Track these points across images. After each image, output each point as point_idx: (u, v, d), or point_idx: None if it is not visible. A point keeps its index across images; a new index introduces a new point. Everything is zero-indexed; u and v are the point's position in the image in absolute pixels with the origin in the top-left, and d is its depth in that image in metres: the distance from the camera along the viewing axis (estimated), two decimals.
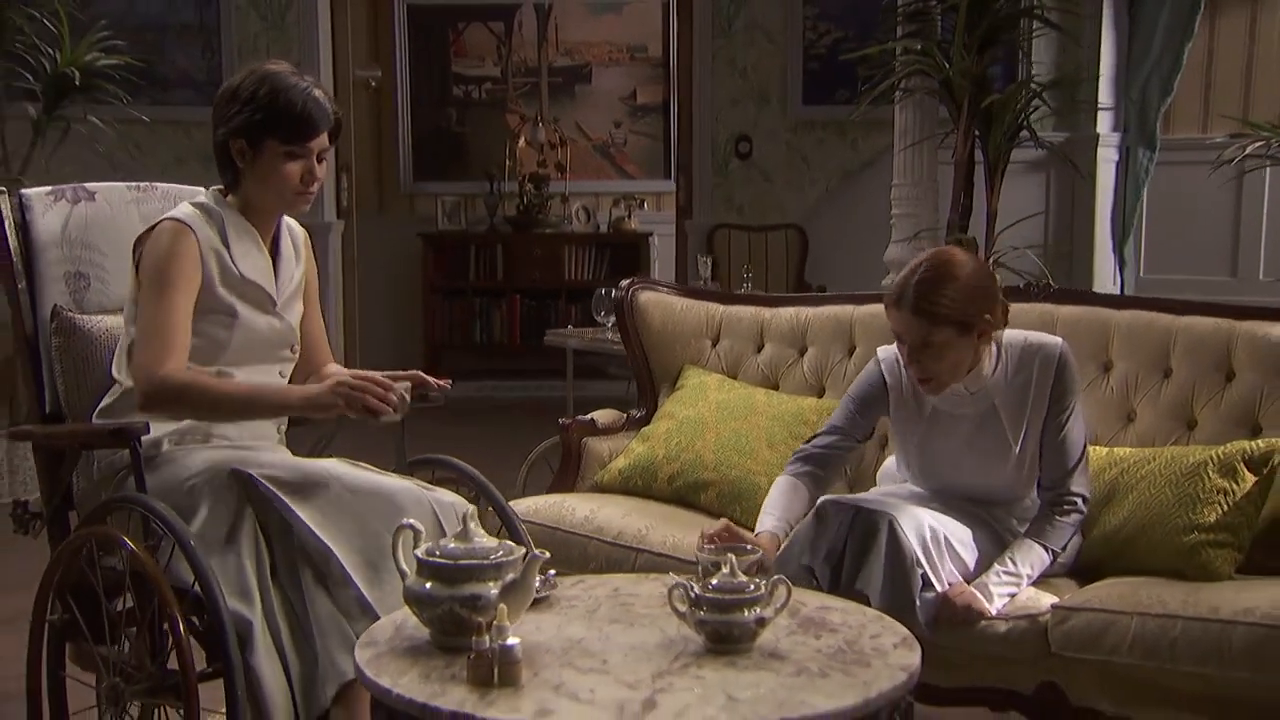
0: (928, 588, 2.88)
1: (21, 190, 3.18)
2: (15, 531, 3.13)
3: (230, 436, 3.00)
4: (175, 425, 2.94)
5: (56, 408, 3.11)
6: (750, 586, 2.34)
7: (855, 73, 5.89)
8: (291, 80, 2.92)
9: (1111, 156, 7.28)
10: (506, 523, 3.05)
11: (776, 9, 8.15)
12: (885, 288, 3.67)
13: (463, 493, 3.08)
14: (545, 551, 2.40)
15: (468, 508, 2.51)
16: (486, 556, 2.34)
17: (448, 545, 2.37)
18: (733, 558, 2.39)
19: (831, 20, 8.04)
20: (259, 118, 2.88)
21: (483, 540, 2.39)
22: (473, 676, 2.17)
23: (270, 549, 2.80)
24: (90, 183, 3.29)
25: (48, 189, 3.21)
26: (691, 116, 8.35)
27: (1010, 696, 2.96)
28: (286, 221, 3.12)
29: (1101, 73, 7.05)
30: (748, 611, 2.31)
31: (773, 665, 2.26)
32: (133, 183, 3.34)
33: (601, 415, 3.96)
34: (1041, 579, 3.01)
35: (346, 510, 2.78)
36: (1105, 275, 7.35)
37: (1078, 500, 3.01)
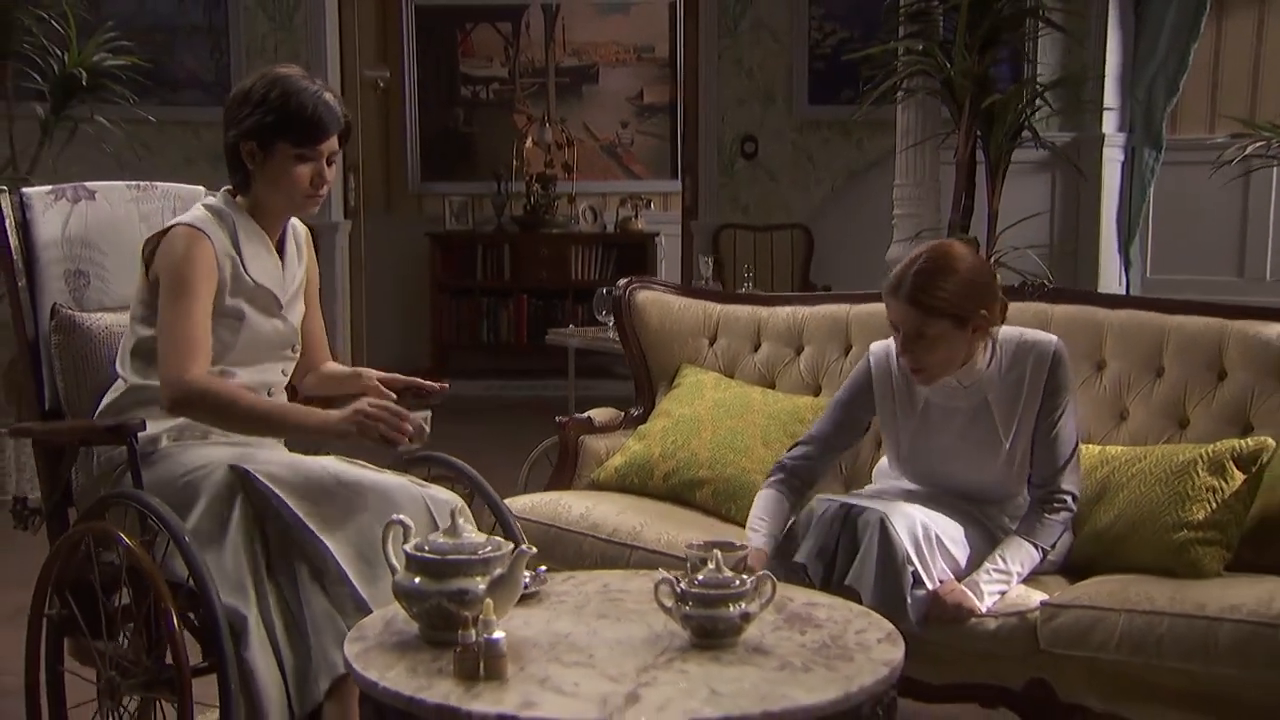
0: (919, 585, 2.89)
1: (22, 189, 3.21)
2: (15, 527, 3.16)
3: (228, 433, 3.02)
4: (174, 422, 2.97)
5: (56, 404, 3.14)
6: (735, 582, 2.36)
7: (860, 73, 5.91)
8: (302, 83, 2.94)
9: (1117, 156, 7.28)
10: (500, 519, 3.07)
11: (782, 9, 8.17)
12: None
13: (458, 490, 3.10)
14: (532, 547, 2.42)
15: (457, 503, 2.53)
16: (474, 552, 2.37)
17: (436, 541, 2.40)
18: (718, 553, 2.41)
19: (837, 20, 8.06)
20: (270, 120, 2.91)
21: (471, 536, 2.41)
22: (459, 670, 2.20)
23: (266, 544, 2.83)
24: (90, 182, 3.32)
25: (48, 188, 3.24)
26: (697, 117, 8.37)
27: (1000, 693, 2.98)
28: (290, 220, 3.15)
29: (1107, 73, 7.05)
30: (733, 606, 2.33)
31: (757, 660, 2.28)
32: (133, 182, 3.37)
33: (599, 413, 3.98)
34: (1033, 576, 3.03)
35: (342, 506, 2.80)
36: (1110, 275, 7.35)
37: (1067, 498, 3.03)
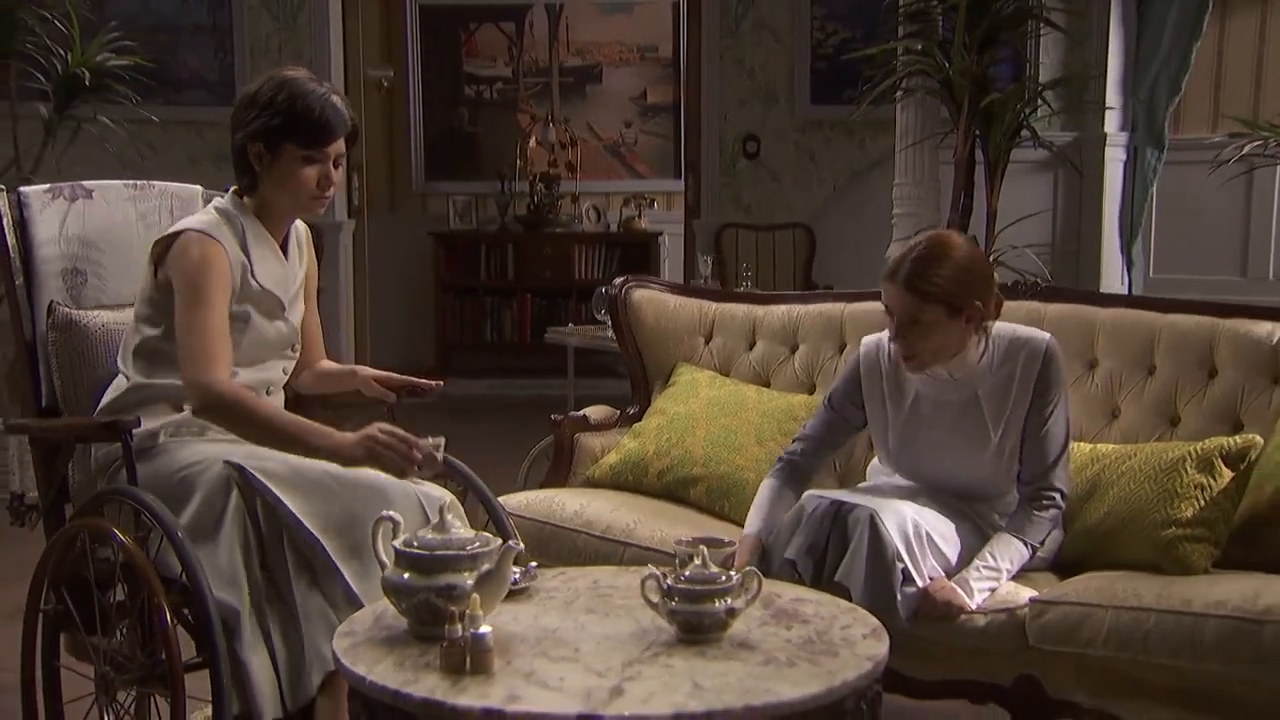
0: (909, 582, 2.90)
1: (20, 188, 3.23)
2: (12, 523, 3.19)
3: (226, 430, 3.04)
4: (172, 418, 2.99)
5: (53, 401, 3.17)
6: (722, 578, 2.38)
7: (861, 73, 5.92)
8: (309, 86, 2.97)
9: (1119, 156, 7.28)
10: (493, 516, 3.09)
11: (784, 9, 8.18)
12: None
13: (451, 487, 3.12)
14: (520, 543, 2.44)
15: (446, 499, 2.55)
16: (462, 547, 2.39)
17: (425, 536, 2.42)
18: (704, 549, 2.42)
19: (839, 20, 8.07)
20: (277, 122, 2.93)
21: (459, 531, 2.43)
22: (445, 664, 2.22)
23: (260, 539, 2.85)
24: (88, 181, 3.34)
25: (45, 186, 3.26)
26: (699, 116, 8.38)
27: (990, 689, 2.99)
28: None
29: (1110, 72, 7.06)
30: (718, 602, 2.35)
31: (742, 655, 2.30)
32: (130, 181, 3.40)
33: (594, 411, 4.00)
34: (1023, 574, 3.04)
35: (335, 502, 2.82)
36: (1113, 275, 7.34)
37: (1056, 496, 3.04)
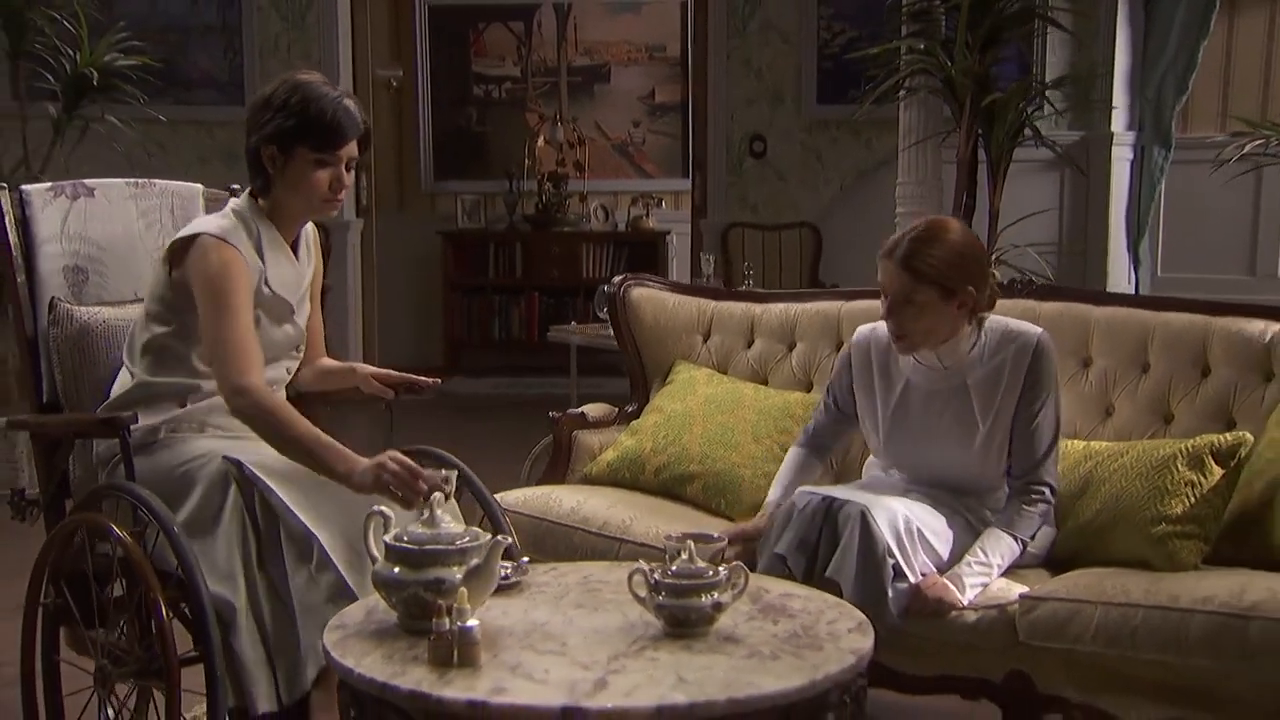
0: (900, 578, 2.92)
1: (21, 186, 3.26)
2: (13, 518, 3.22)
3: (225, 426, 3.07)
4: (171, 413, 3.02)
5: (54, 398, 3.20)
6: (709, 572, 2.40)
7: (865, 72, 5.93)
8: (323, 89, 3.00)
9: (1126, 155, 7.28)
10: (488, 512, 3.11)
11: (791, 9, 8.19)
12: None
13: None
14: (509, 538, 2.46)
15: (437, 495, 2.57)
16: (451, 542, 2.41)
17: (415, 531, 2.44)
18: (691, 544, 2.44)
19: (846, 20, 8.07)
20: (290, 125, 2.96)
21: (449, 526, 2.46)
22: (433, 657, 2.24)
23: (257, 534, 2.88)
24: (89, 179, 3.38)
25: (47, 185, 3.30)
26: (706, 116, 8.40)
27: (981, 684, 3.00)
28: None
29: (1116, 71, 7.05)
30: (705, 596, 2.37)
31: (727, 648, 2.32)
32: (131, 179, 3.43)
33: (592, 409, 4.02)
34: (1016, 570, 3.05)
35: (331, 497, 2.84)
36: (1120, 274, 7.34)
37: (1045, 490, 3.05)
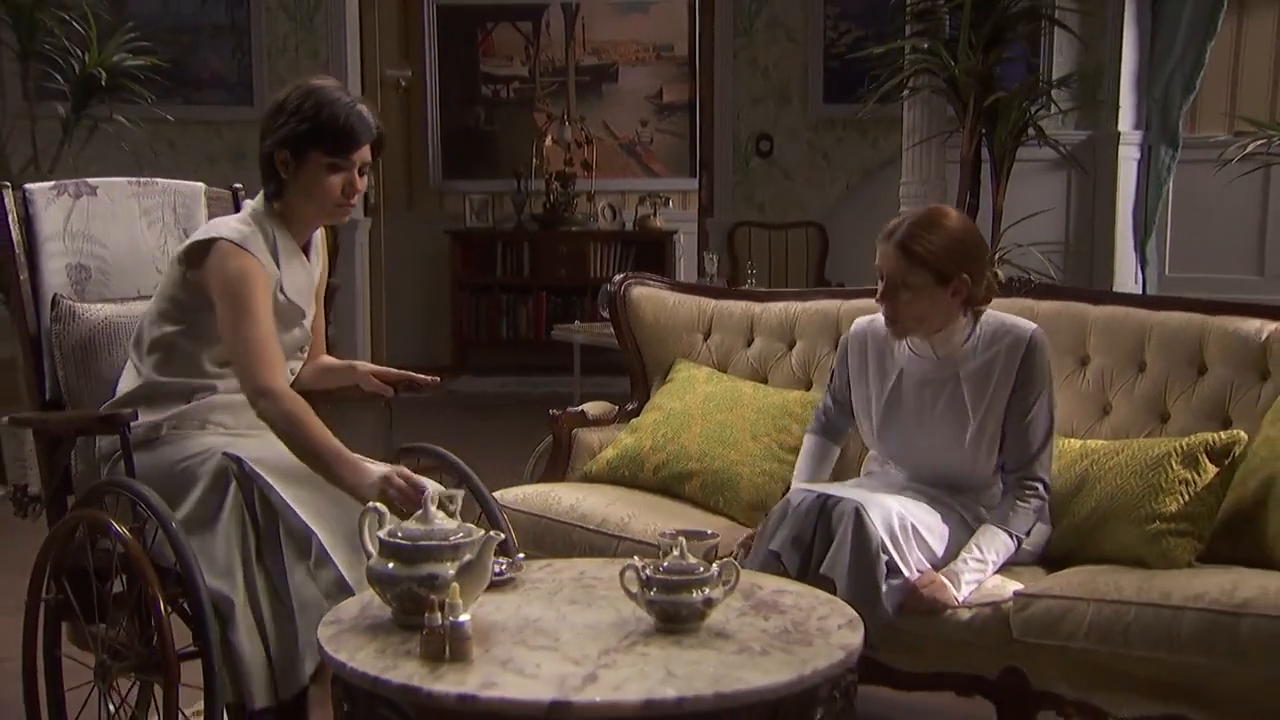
0: (895, 574, 2.93)
1: (25, 185, 3.29)
2: (15, 514, 3.25)
3: (227, 423, 3.09)
4: (174, 410, 3.05)
5: (57, 394, 3.22)
6: (700, 569, 2.41)
7: (869, 71, 5.94)
8: (336, 94, 3.02)
9: (1133, 155, 7.28)
10: (486, 509, 3.13)
11: (797, 8, 8.21)
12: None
13: (445, 480, 3.17)
14: (501, 535, 2.48)
15: (430, 490, 2.59)
16: (445, 538, 2.43)
17: (409, 527, 2.46)
18: (683, 541, 2.46)
19: (852, 19, 8.09)
20: (303, 129, 2.98)
21: (442, 522, 2.47)
22: (425, 652, 2.26)
23: (256, 530, 2.90)
24: (92, 178, 3.40)
25: (50, 184, 3.32)
26: (713, 115, 8.41)
27: (975, 681, 3.01)
28: None
29: (1123, 70, 7.06)
30: (696, 592, 2.38)
31: (717, 644, 2.33)
32: (133, 178, 3.46)
33: (592, 407, 4.03)
34: (1011, 568, 3.07)
35: (330, 494, 2.86)
36: (1126, 273, 7.35)
37: (1039, 486, 3.06)
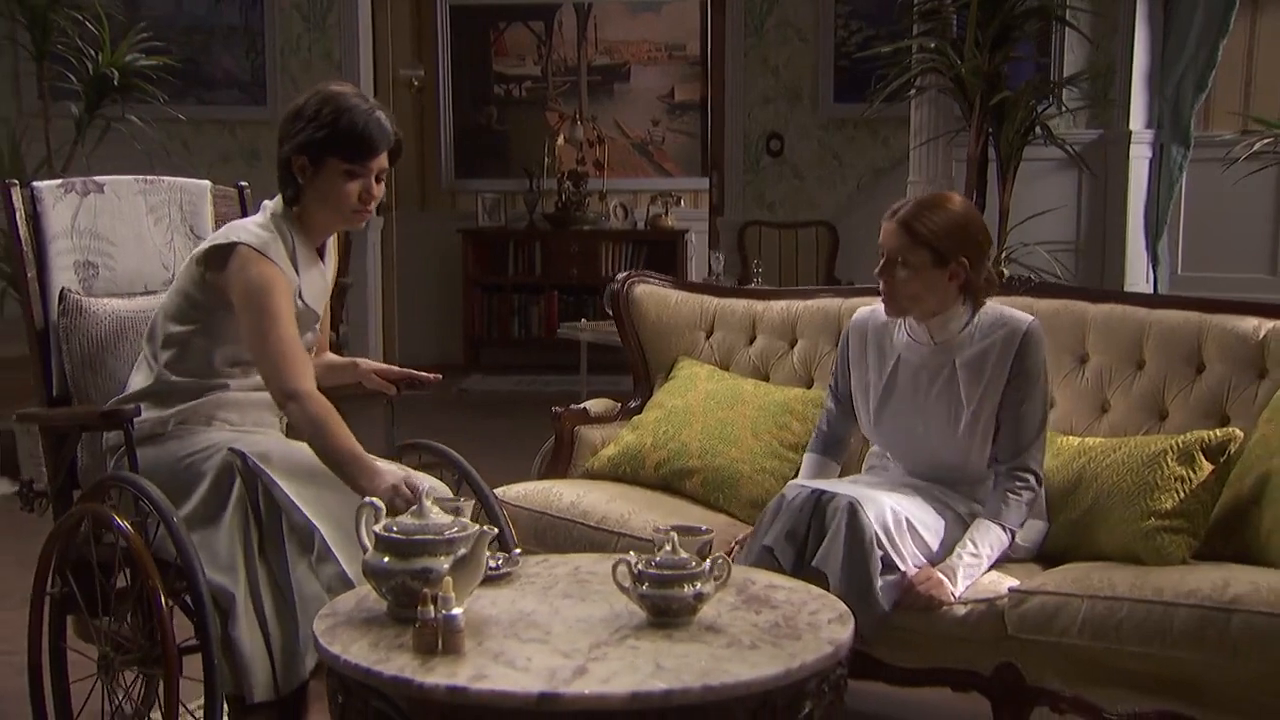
0: (890, 570, 2.95)
1: (33, 183, 3.33)
2: (21, 509, 3.29)
3: (233, 421, 3.13)
4: (180, 406, 3.08)
5: (64, 390, 3.25)
6: (691, 563, 2.43)
7: (878, 70, 5.95)
8: (354, 101, 3.04)
9: (1145, 154, 7.26)
10: (485, 505, 3.15)
11: (808, 8, 8.23)
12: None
13: (446, 476, 3.20)
14: (494, 528, 2.51)
15: (425, 485, 2.62)
16: (439, 533, 2.46)
17: (404, 522, 2.49)
18: (675, 535, 2.48)
19: (863, 18, 8.11)
20: (321, 136, 3.00)
21: (437, 517, 2.50)
22: (418, 645, 2.29)
23: (260, 525, 2.93)
24: (100, 176, 3.44)
25: (58, 181, 3.36)
26: (723, 115, 8.43)
27: (970, 677, 3.02)
28: None
29: (1135, 69, 7.05)
30: (687, 587, 2.41)
31: (707, 637, 2.36)
32: (140, 176, 3.50)
33: (595, 404, 4.06)
34: (1008, 564, 3.08)
35: (333, 490, 2.89)
36: (1138, 272, 7.34)
37: (1030, 478, 3.08)
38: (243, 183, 3.65)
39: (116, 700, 3.01)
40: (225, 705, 2.80)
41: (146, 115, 6.48)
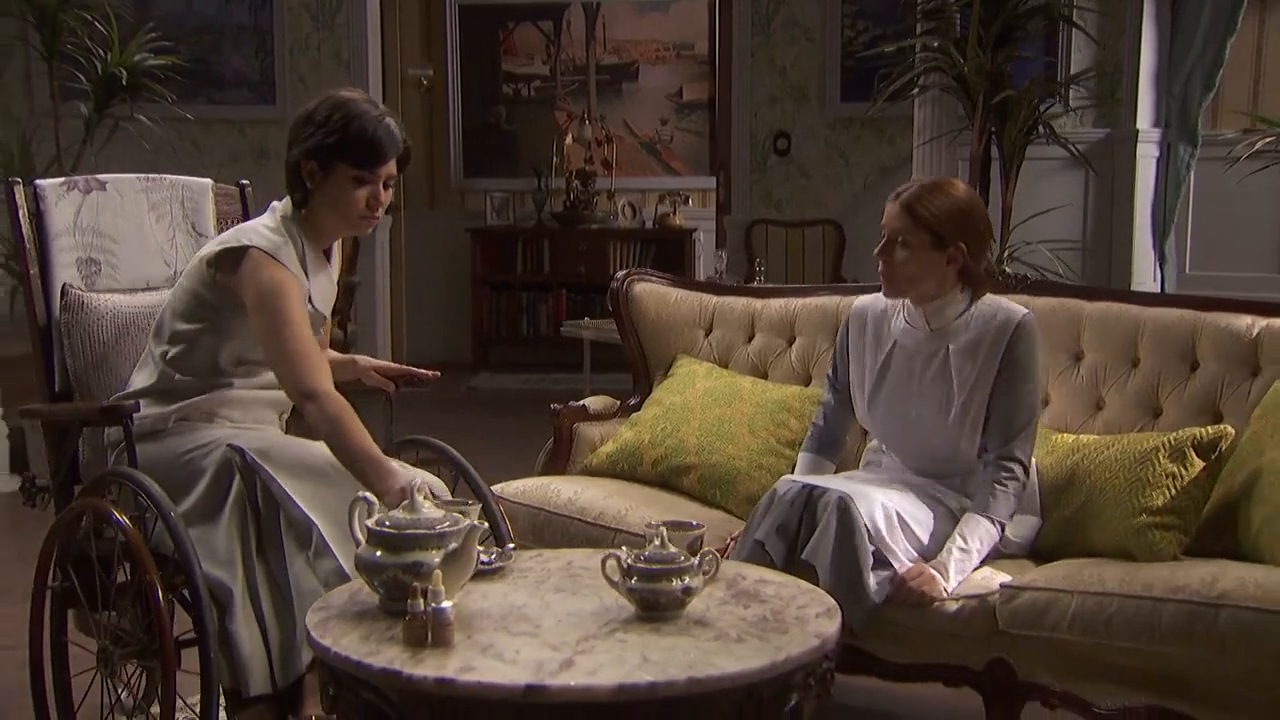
0: (883, 565, 2.97)
1: (35, 180, 3.36)
2: (23, 504, 3.32)
3: (234, 418, 3.16)
4: (181, 403, 3.11)
5: (66, 386, 3.28)
6: (680, 558, 2.45)
7: (881, 70, 5.96)
8: (364, 108, 3.06)
9: (1152, 153, 7.26)
10: (483, 502, 3.17)
11: (815, 7, 8.24)
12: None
13: (443, 473, 3.22)
14: (483, 523, 2.53)
15: (416, 480, 2.64)
16: (430, 527, 2.48)
17: (396, 516, 2.51)
18: (664, 530, 2.50)
19: (869, 18, 8.11)
20: (331, 141, 3.02)
21: (428, 512, 2.52)
22: (408, 637, 2.31)
23: (258, 521, 2.96)
24: (102, 174, 3.47)
25: (61, 180, 3.40)
26: (730, 114, 8.45)
27: (962, 672, 3.04)
28: None
29: (1142, 68, 7.05)
30: (675, 581, 2.43)
31: (694, 631, 2.38)
32: (142, 174, 3.53)
33: (593, 401, 4.08)
34: (1000, 560, 3.10)
35: (330, 486, 2.92)
36: (1145, 272, 7.34)
37: (1017, 468, 3.10)
38: (244, 181, 3.68)
39: (117, 694, 3.04)
40: (222, 699, 2.83)
41: (155, 115, 6.53)
